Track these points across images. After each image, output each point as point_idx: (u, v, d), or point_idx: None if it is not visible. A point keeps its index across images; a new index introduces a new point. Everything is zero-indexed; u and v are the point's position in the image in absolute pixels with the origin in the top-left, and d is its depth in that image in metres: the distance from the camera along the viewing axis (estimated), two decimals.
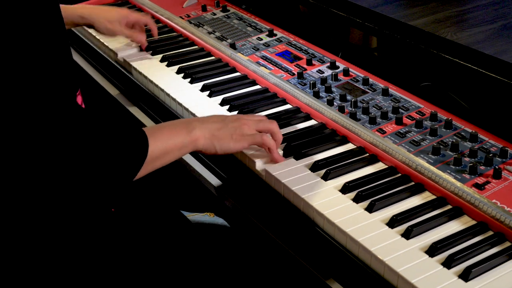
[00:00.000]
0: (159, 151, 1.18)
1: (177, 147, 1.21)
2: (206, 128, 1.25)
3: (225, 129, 1.27)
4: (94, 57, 1.98)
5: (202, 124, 1.26)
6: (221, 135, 1.26)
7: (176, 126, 1.24)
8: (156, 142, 1.17)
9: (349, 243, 1.13)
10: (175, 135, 1.22)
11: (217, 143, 1.26)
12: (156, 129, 1.22)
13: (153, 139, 1.17)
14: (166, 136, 1.20)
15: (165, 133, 1.21)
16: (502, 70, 1.36)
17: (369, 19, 1.66)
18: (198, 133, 1.24)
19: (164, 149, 1.19)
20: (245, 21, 1.95)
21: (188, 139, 1.23)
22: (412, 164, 1.27)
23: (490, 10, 1.64)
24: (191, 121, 1.27)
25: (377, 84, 1.56)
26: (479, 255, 1.08)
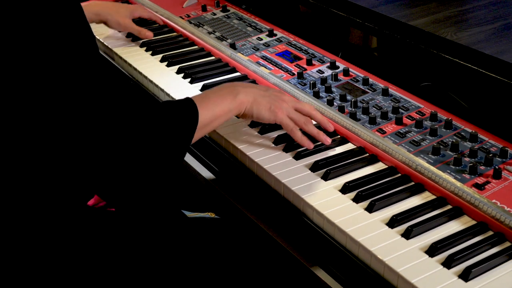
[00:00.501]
0: (208, 118, 1.24)
1: (224, 112, 1.28)
2: (250, 93, 1.32)
3: (266, 97, 1.33)
4: None
5: (245, 89, 1.32)
6: (261, 101, 1.32)
7: (221, 92, 1.30)
8: (205, 110, 1.24)
9: (349, 243, 1.13)
10: (222, 101, 1.28)
11: (255, 108, 1.32)
12: (204, 96, 1.28)
13: (203, 107, 1.23)
14: (213, 103, 1.26)
15: (212, 100, 1.27)
16: (502, 70, 1.36)
17: (369, 19, 1.66)
18: (242, 97, 1.30)
19: (213, 115, 1.25)
20: (245, 21, 1.95)
21: (234, 104, 1.29)
22: (412, 164, 1.27)
23: (490, 10, 1.64)
24: (235, 86, 1.33)
25: (377, 84, 1.56)
26: (479, 255, 1.08)
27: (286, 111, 1.34)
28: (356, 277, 1.12)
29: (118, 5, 1.92)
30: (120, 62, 1.84)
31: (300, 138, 1.33)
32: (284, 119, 1.33)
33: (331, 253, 1.16)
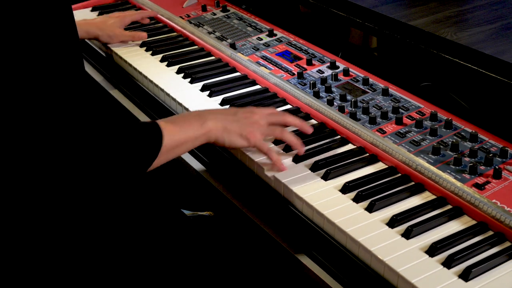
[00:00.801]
0: (173, 142, 1.22)
1: (190, 138, 1.25)
2: (219, 120, 1.28)
3: (236, 123, 1.29)
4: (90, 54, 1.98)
5: (214, 116, 1.29)
6: (231, 128, 1.29)
7: (189, 119, 1.27)
8: (170, 135, 1.21)
9: (349, 243, 1.13)
10: (189, 127, 1.25)
11: (226, 137, 1.28)
12: (170, 121, 1.25)
13: (167, 131, 1.21)
14: (179, 128, 1.24)
15: (178, 126, 1.24)
16: (502, 70, 1.36)
17: (369, 19, 1.66)
18: (210, 124, 1.27)
19: (178, 140, 1.23)
20: (245, 21, 1.95)
21: (201, 131, 1.26)
22: (412, 164, 1.27)
23: (490, 10, 1.64)
24: (203, 113, 1.30)
25: (377, 84, 1.56)
26: (479, 255, 1.08)
27: (258, 133, 1.30)
28: (356, 277, 1.12)
29: (105, 18, 1.91)
30: (120, 62, 1.84)
31: (274, 160, 1.30)
32: (257, 143, 1.29)
33: (331, 253, 1.16)
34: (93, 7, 2.16)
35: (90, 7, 2.17)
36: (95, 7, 2.16)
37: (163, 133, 1.20)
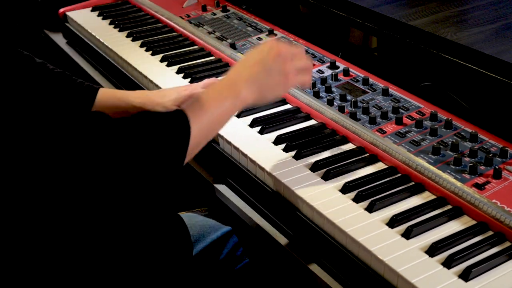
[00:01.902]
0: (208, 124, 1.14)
1: (226, 113, 1.18)
2: (253, 84, 1.20)
3: (271, 76, 1.22)
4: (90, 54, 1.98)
5: (246, 82, 1.20)
6: (270, 84, 1.22)
7: (222, 92, 1.19)
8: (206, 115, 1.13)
9: (349, 243, 1.13)
10: (223, 103, 1.17)
11: (268, 94, 1.23)
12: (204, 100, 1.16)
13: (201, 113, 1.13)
14: (214, 107, 1.16)
15: (212, 104, 1.16)
16: (502, 70, 1.36)
17: (369, 19, 1.66)
18: (245, 93, 1.19)
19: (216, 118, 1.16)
20: (245, 21, 1.95)
21: (237, 102, 1.19)
22: (412, 164, 1.27)
23: (490, 10, 1.64)
24: (235, 81, 1.20)
25: (377, 84, 1.56)
26: (479, 255, 1.08)
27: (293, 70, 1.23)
28: (356, 277, 1.12)
29: (165, 94, 1.53)
30: (120, 62, 1.84)
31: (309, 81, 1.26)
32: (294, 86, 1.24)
33: (331, 253, 1.16)
34: (93, 7, 2.16)
35: (90, 7, 2.17)
36: (95, 7, 2.16)
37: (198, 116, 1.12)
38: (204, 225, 1.41)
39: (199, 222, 1.41)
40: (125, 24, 2.01)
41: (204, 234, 1.39)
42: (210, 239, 1.39)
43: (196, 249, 1.38)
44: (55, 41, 2.16)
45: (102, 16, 2.09)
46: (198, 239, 1.38)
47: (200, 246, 1.39)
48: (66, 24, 2.13)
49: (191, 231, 1.37)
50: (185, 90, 1.50)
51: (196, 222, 1.41)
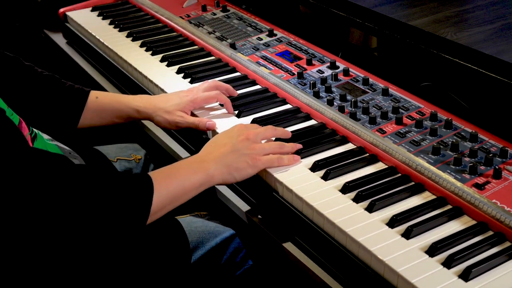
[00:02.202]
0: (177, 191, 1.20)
1: (194, 186, 1.23)
2: (221, 164, 1.26)
3: (239, 157, 1.27)
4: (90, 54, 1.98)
5: (215, 161, 1.26)
6: (238, 165, 1.27)
7: (192, 166, 1.25)
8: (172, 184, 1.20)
9: (349, 243, 1.13)
10: (192, 175, 1.23)
11: (236, 173, 1.27)
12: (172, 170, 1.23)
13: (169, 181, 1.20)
14: (183, 176, 1.22)
15: (182, 173, 1.22)
16: (502, 70, 1.36)
17: (369, 19, 1.66)
18: (213, 171, 1.25)
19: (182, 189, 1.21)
20: (245, 21, 1.95)
21: (205, 178, 1.24)
22: (412, 164, 1.27)
23: (490, 10, 1.64)
24: (205, 159, 1.27)
25: (377, 84, 1.56)
26: (479, 255, 1.08)
27: (261, 152, 1.29)
28: (356, 277, 1.12)
29: (166, 98, 1.52)
30: (120, 62, 1.84)
31: (288, 163, 1.30)
32: (265, 162, 1.29)
33: (331, 253, 1.16)
34: (93, 7, 2.16)
35: (90, 7, 2.17)
36: (95, 7, 2.16)
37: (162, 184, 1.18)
38: (203, 231, 1.41)
39: (199, 228, 1.41)
40: (125, 24, 2.01)
41: (203, 240, 1.40)
42: (209, 245, 1.40)
43: (195, 256, 1.38)
44: (55, 41, 2.16)
45: (102, 16, 2.09)
46: (197, 245, 1.38)
47: (200, 252, 1.39)
48: (66, 24, 2.13)
49: (190, 238, 1.38)
50: (186, 96, 1.51)
51: (196, 228, 1.41)
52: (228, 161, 1.26)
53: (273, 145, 1.32)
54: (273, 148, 1.31)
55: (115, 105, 1.52)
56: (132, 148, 1.74)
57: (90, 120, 1.53)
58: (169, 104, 1.49)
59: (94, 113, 1.52)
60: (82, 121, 1.52)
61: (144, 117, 1.51)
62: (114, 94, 1.57)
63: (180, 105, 1.49)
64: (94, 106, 1.52)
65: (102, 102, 1.52)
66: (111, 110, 1.52)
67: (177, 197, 1.21)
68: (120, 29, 1.99)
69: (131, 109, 1.51)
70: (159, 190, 1.17)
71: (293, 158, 1.31)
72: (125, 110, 1.52)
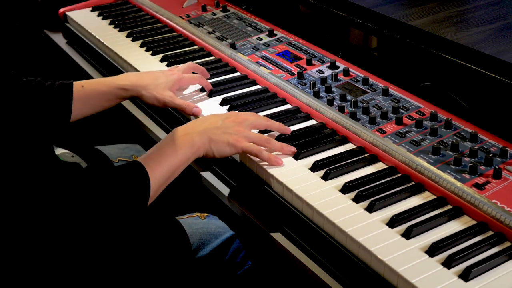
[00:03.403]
0: (168, 171, 1.23)
1: (182, 161, 1.26)
2: (204, 134, 1.29)
3: (221, 131, 1.30)
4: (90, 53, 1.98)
5: (198, 130, 1.29)
6: (218, 139, 1.29)
7: (177, 142, 1.26)
8: (164, 164, 1.22)
9: (349, 243, 1.13)
10: (179, 151, 1.25)
11: (214, 148, 1.29)
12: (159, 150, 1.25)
13: (160, 162, 1.22)
14: (170, 155, 1.24)
15: (168, 153, 1.24)
16: (502, 70, 1.36)
17: (369, 19, 1.66)
18: (197, 141, 1.27)
19: (173, 166, 1.24)
20: (245, 21, 1.95)
21: (192, 150, 1.27)
22: (412, 164, 1.27)
23: (490, 10, 1.64)
24: (189, 131, 1.29)
25: (377, 84, 1.56)
26: (479, 255, 1.08)
27: (245, 137, 1.31)
28: (356, 277, 1.12)
29: (153, 76, 1.54)
30: (120, 62, 1.84)
31: (267, 158, 1.30)
32: (246, 147, 1.30)
33: (331, 253, 1.16)
34: (93, 7, 2.16)
35: (90, 7, 2.17)
36: (95, 7, 2.16)
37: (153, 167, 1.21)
38: (205, 232, 1.42)
39: (200, 229, 1.42)
40: (125, 24, 2.01)
41: (205, 242, 1.40)
42: (211, 246, 1.40)
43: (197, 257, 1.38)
44: (55, 41, 2.16)
45: (102, 16, 2.09)
46: (199, 247, 1.39)
47: (201, 254, 1.39)
48: (66, 24, 2.13)
49: (192, 239, 1.39)
50: (172, 74, 1.55)
51: (197, 230, 1.41)
52: (210, 134, 1.29)
53: (261, 136, 1.33)
54: (258, 139, 1.33)
55: (102, 88, 1.51)
56: (133, 149, 1.74)
57: (80, 111, 1.51)
58: (158, 82, 1.52)
59: (83, 102, 1.51)
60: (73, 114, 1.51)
61: (131, 95, 1.52)
62: (98, 79, 1.57)
63: (168, 83, 1.52)
64: (81, 95, 1.50)
65: (88, 89, 1.50)
66: (98, 95, 1.51)
67: (169, 176, 1.24)
68: (120, 29, 1.99)
69: (118, 89, 1.51)
70: (153, 176, 1.20)
71: (275, 159, 1.31)
72: (112, 92, 1.52)
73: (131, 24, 2.02)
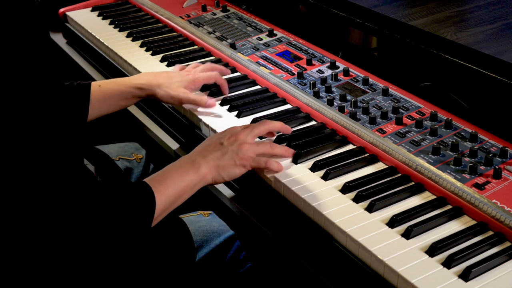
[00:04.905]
0: (174, 195, 1.21)
1: (189, 187, 1.23)
2: (210, 161, 1.26)
3: (226, 156, 1.27)
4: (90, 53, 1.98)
5: (204, 159, 1.26)
6: (225, 164, 1.27)
7: (184, 167, 1.25)
8: (170, 187, 1.21)
9: (349, 243, 1.13)
10: (186, 176, 1.23)
11: (223, 173, 1.27)
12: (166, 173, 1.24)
13: (167, 185, 1.20)
14: (177, 178, 1.23)
15: (175, 176, 1.23)
16: (502, 70, 1.36)
17: (369, 19, 1.66)
18: (204, 169, 1.25)
19: (178, 192, 1.22)
20: (245, 21, 1.95)
21: (198, 177, 1.24)
22: (412, 164, 1.27)
23: (490, 10, 1.64)
24: (194, 159, 1.27)
25: (377, 84, 1.56)
26: (479, 255, 1.08)
27: (251, 152, 1.29)
28: (356, 277, 1.12)
29: (168, 75, 1.57)
30: (120, 62, 1.84)
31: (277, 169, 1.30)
32: (254, 163, 1.29)
33: (331, 253, 1.16)
34: (93, 7, 2.16)
35: (90, 7, 2.17)
36: (95, 7, 2.16)
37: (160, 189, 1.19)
38: (208, 230, 1.42)
39: (202, 227, 1.42)
40: (125, 24, 2.01)
41: (208, 239, 1.40)
42: (213, 244, 1.40)
43: (200, 255, 1.38)
44: (55, 41, 2.16)
45: (102, 16, 2.09)
46: (201, 244, 1.39)
47: (204, 251, 1.39)
48: (66, 24, 2.13)
49: (195, 237, 1.39)
50: (187, 75, 1.57)
51: (200, 228, 1.41)
52: (216, 160, 1.27)
53: (264, 146, 1.31)
54: (263, 150, 1.31)
55: (118, 87, 1.54)
56: (133, 147, 1.74)
57: (98, 110, 1.54)
58: (172, 80, 1.55)
59: (100, 102, 1.54)
60: (90, 114, 1.54)
61: (147, 93, 1.54)
62: (115, 79, 1.60)
63: (182, 82, 1.54)
64: (99, 95, 1.53)
65: (105, 89, 1.54)
66: (115, 95, 1.54)
67: (175, 200, 1.22)
68: (120, 29, 1.99)
69: (134, 88, 1.54)
70: (158, 197, 1.18)
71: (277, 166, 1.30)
72: (129, 91, 1.54)
73: (131, 24, 2.02)
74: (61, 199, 1.06)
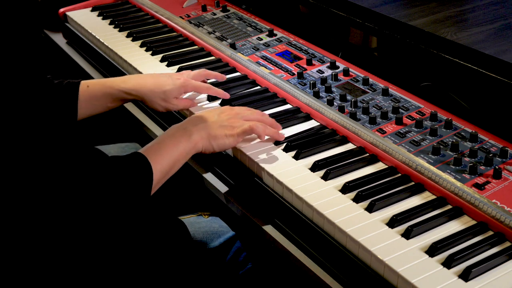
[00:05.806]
0: (169, 164, 1.25)
1: (182, 155, 1.28)
2: (202, 129, 1.31)
3: (218, 124, 1.32)
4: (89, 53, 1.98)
5: (196, 126, 1.31)
6: (216, 133, 1.31)
7: (176, 136, 1.29)
8: (165, 156, 1.24)
9: (349, 243, 1.13)
10: (178, 145, 1.27)
11: (214, 142, 1.31)
12: (160, 143, 1.27)
13: (161, 155, 1.24)
14: (171, 148, 1.26)
15: (168, 146, 1.26)
16: (502, 70, 1.36)
17: (369, 19, 1.66)
18: (196, 137, 1.29)
19: (172, 160, 1.25)
20: (245, 21, 1.95)
21: (190, 144, 1.28)
22: (412, 164, 1.27)
23: (490, 10, 1.64)
24: (187, 126, 1.31)
25: (377, 84, 1.56)
26: (479, 255, 1.08)
27: (242, 118, 1.34)
28: (356, 277, 1.12)
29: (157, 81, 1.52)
30: (120, 62, 1.84)
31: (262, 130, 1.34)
32: (240, 131, 1.32)
33: (331, 253, 1.16)
34: (93, 7, 2.16)
35: (90, 7, 2.17)
36: (95, 7, 2.16)
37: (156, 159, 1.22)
38: (207, 231, 1.42)
39: (202, 228, 1.42)
40: (125, 24, 2.01)
41: (207, 240, 1.41)
42: (213, 245, 1.41)
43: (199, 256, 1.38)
44: (55, 41, 2.16)
45: (102, 16, 2.09)
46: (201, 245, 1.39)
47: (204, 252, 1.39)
48: (66, 24, 2.13)
49: (194, 238, 1.39)
50: (178, 79, 1.53)
51: (199, 229, 1.42)
52: (208, 129, 1.31)
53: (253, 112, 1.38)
54: (254, 116, 1.36)
55: (106, 90, 1.52)
56: (133, 147, 1.75)
57: (85, 110, 1.52)
58: (163, 89, 1.50)
59: (87, 102, 1.52)
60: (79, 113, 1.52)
61: (135, 98, 1.53)
62: (104, 80, 1.56)
63: (173, 90, 1.51)
64: (86, 95, 1.51)
65: (93, 90, 1.52)
66: (102, 96, 1.52)
67: (170, 169, 1.26)
68: (120, 29, 1.99)
69: (121, 92, 1.52)
70: (155, 166, 1.22)
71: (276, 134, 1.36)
72: (115, 94, 1.53)
73: (131, 24, 2.02)
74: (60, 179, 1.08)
